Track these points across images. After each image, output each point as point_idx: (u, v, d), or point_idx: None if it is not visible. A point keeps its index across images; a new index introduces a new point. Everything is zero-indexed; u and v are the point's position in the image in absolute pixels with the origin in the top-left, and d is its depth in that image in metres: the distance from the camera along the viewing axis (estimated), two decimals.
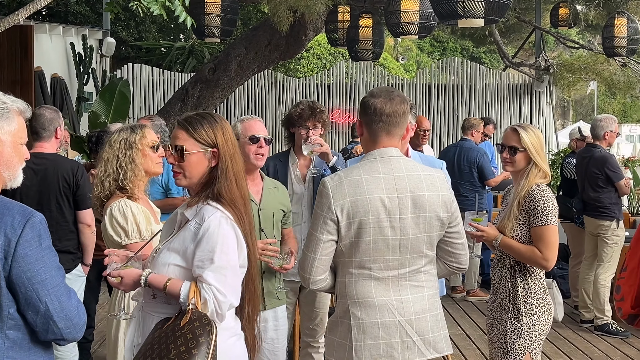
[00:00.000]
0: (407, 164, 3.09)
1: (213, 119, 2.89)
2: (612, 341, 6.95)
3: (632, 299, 3.16)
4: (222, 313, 2.72)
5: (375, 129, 3.08)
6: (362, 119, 3.15)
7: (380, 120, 3.07)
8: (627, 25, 9.92)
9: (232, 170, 2.85)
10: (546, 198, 3.80)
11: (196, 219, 2.79)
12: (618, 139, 34.26)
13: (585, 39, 32.14)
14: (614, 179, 7.26)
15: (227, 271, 2.73)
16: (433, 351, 3.09)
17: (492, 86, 14.25)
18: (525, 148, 3.90)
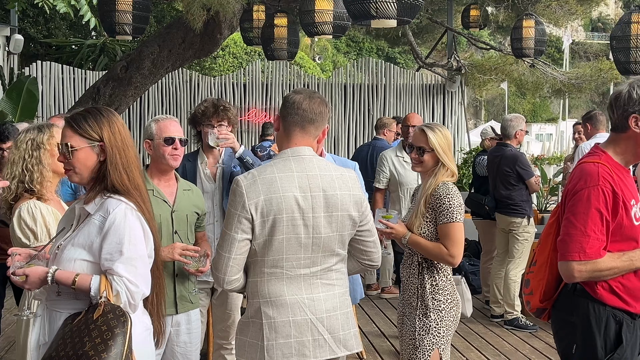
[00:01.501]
0: (319, 164, 3.10)
1: (99, 113, 2.90)
2: (521, 335, 7.14)
3: (541, 293, 3.24)
4: (135, 303, 2.78)
5: (290, 122, 3.10)
6: (280, 113, 3.17)
7: (296, 113, 3.08)
8: (534, 27, 10.20)
9: (121, 163, 2.87)
10: (452, 196, 3.87)
11: (100, 212, 2.80)
12: (528, 137, 35.40)
13: (496, 40, 33.01)
14: (524, 176, 7.46)
15: (136, 262, 2.77)
16: (344, 349, 3.12)
17: (407, 86, 14.47)
18: (433, 148, 3.97)
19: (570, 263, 3.01)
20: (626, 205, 3.04)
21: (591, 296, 3.08)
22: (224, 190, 4.64)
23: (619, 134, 3.16)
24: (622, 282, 3.07)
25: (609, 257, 3.02)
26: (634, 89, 3.08)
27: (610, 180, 3.02)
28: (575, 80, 13.08)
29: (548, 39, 11.12)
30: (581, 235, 3.00)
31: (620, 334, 3.06)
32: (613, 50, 8.47)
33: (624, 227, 3.05)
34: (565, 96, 15.69)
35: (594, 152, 3.18)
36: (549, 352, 6.56)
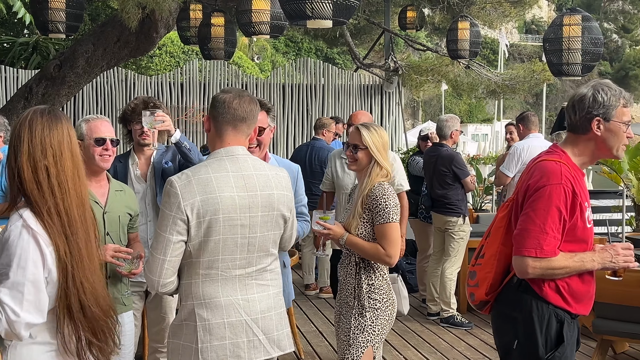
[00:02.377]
0: (254, 163, 3.10)
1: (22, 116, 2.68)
2: (457, 332, 7.24)
3: (488, 285, 3.27)
4: (17, 333, 2.46)
5: (222, 122, 3.08)
6: (210, 113, 3.14)
7: (227, 112, 3.06)
8: (469, 29, 10.35)
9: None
10: (388, 196, 3.90)
11: (6, 225, 2.56)
12: (464, 137, 35.92)
13: (433, 41, 33.44)
14: (460, 176, 7.56)
15: (24, 287, 2.44)
16: (277, 349, 3.13)
17: (345, 86, 14.53)
18: (367, 146, 4.00)
19: (525, 258, 3.05)
20: (582, 207, 3.09)
21: (536, 293, 3.12)
22: (157, 188, 4.57)
23: (578, 136, 3.21)
24: (568, 283, 3.13)
25: (562, 256, 3.07)
26: (598, 93, 3.15)
27: (571, 179, 3.08)
28: (509, 81, 13.32)
29: (483, 41, 11.29)
30: (539, 231, 3.03)
31: (561, 332, 3.11)
32: (546, 52, 8.64)
33: (578, 228, 3.10)
34: (500, 97, 15.98)
35: (554, 151, 3.22)
36: (483, 348, 6.67)
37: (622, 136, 3.16)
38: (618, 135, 3.16)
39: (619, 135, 3.15)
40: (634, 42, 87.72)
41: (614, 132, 3.15)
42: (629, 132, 3.17)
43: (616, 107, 3.14)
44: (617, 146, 3.17)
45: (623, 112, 3.15)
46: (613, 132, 3.15)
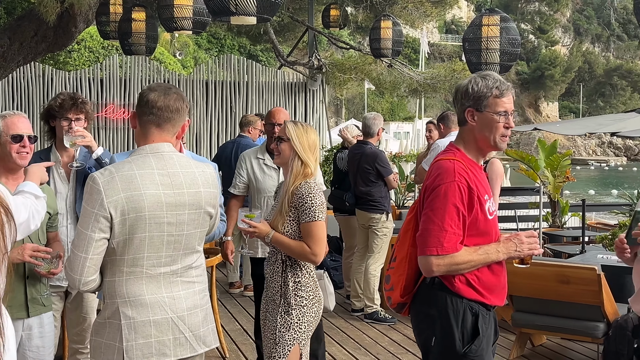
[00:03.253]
0: (180, 160, 3.07)
1: None
2: (380, 328, 7.32)
3: (401, 287, 3.30)
4: None
5: (147, 121, 3.04)
6: (136, 110, 3.10)
7: (151, 112, 3.03)
8: (392, 28, 10.47)
9: None
10: (314, 195, 3.91)
11: None
12: (386, 135, 36.29)
13: (356, 40, 33.69)
14: (384, 174, 7.65)
15: None
16: (203, 345, 3.12)
17: (269, 84, 14.49)
18: (289, 138, 3.99)
19: (428, 257, 3.09)
20: (480, 200, 3.15)
21: (449, 289, 3.16)
22: (77, 192, 4.44)
23: (462, 128, 3.29)
24: (478, 276, 3.18)
25: (465, 251, 3.11)
26: (471, 83, 3.20)
27: (465, 176, 3.12)
28: (431, 80, 13.54)
29: (405, 40, 11.44)
30: (439, 230, 3.07)
31: (477, 325, 3.17)
32: (465, 51, 8.81)
33: (479, 221, 3.15)
34: (421, 96, 16.21)
35: (449, 150, 3.28)
36: (406, 343, 6.76)
37: (497, 126, 3.19)
38: (492, 126, 3.19)
39: (492, 125, 3.19)
40: (550, 43, 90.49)
41: (487, 122, 3.19)
42: (507, 122, 3.20)
43: (487, 97, 3.18)
44: (494, 136, 3.20)
45: (496, 103, 3.18)
46: (486, 122, 3.19)
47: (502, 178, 7.34)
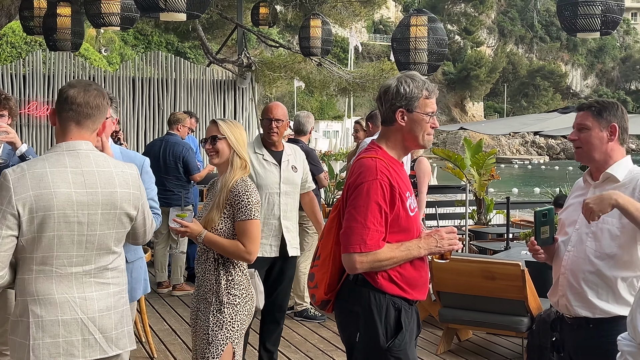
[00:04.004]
0: (97, 159, 3.04)
1: None
2: (310, 326, 7.35)
3: (325, 285, 3.33)
4: None
5: (66, 118, 3.02)
6: (56, 107, 3.07)
7: (70, 109, 3.00)
8: (321, 27, 10.52)
9: None
10: (250, 193, 3.90)
11: None
12: (316, 134, 36.32)
13: (285, 38, 33.69)
14: (314, 172, 7.64)
15: None
16: (115, 348, 3.08)
17: (197, 81, 14.36)
18: (225, 136, 3.99)
19: (352, 255, 3.12)
20: (402, 197, 3.19)
21: (372, 285, 3.20)
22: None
23: (388, 127, 3.33)
24: (400, 272, 3.22)
25: (388, 247, 3.15)
26: (401, 84, 3.25)
27: (387, 173, 3.16)
28: (359, 79, 13.65)
29: (334, 39, 11.51)
30: (361, 227, 3.11)
31: (399, 320, 3.21)
32: (394, 51, 8.92)
33: (401, 218, 3.20)
34: (350, 95, 16.34)
35: (371, 148, 3.32)
36: (336, 340, 6.80)
37: (425, 126, 3.28)
38: (421, 126, 3.28)
39: (422, 125, 3.28)
40: (475, 44, 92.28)
41: (417, 123, 3.27)
42: (433, 122, 3.30)
43: (419, 99, 3.25)
44: (422, 135, 3.29)
45: (426, 103, 3.27)
46: (416, 122, 3.26)
47: (429, 176, 7.47)
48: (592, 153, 3.38)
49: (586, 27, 6.42)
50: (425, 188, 7.61)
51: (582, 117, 3.41)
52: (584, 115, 3.40)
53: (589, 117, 3.38)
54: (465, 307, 6.34)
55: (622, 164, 3.38)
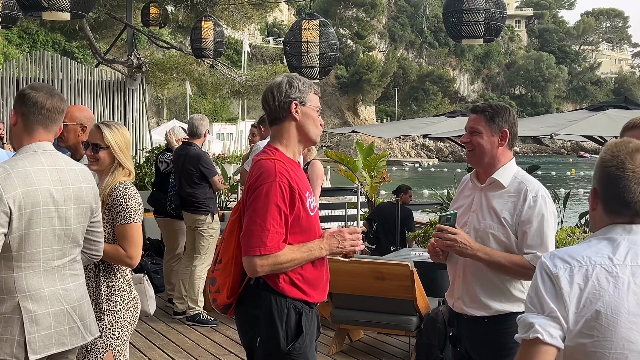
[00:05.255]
0: (64, 158, 3.25)
1: None
2: (202, 330, 7.28)
3: (228, 289, 3.30)
4: None
5: (33, 121, 3.17)
6: (20, 110, 3.20)
7: (39, 113, 3.16)
8: (213, 29, 10.46)
9: None
10: (129, 196, 3.79)
11: None
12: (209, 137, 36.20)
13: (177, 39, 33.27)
14: (208, 175, 7.61)
15: None
16: (89, 334, 3.31)
17: (85, 82, 13.96)
18: (109, 145, 3.87)
19: (252, 258, 3.11)
20: (302, 197, 3.21)
21: (273, 289, 3.20)
22: None
23: (280, 125, 3.33)
24: (302, 274, 3.23)
25: (289, 249, 3.16)
26: (293, 79, 3.31)
27: (286, 175, 3.17)
28: (253, 82, 13.63)
29: (227, 41, 11.46)
30: (261, 230, 3.10)
31: (300, 323, 3.23)
32: (286, 54, 8.96)
33: (301, 218, 3.21)
34: (244, 97, 16.30)
35: (268, 150, 3.32)
36: (228, 344, 6.77)
37: (317, 120, 3.37)
38: (313, 119, 3.35)
39: (314, 118, 3.35)
40: (367, 48, 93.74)
41: (309, 116, 3.33)
42: (320, 119, 3.39)
43: (309, 92, 3.33)
44: (314, 131, 3.37)
45: (315, 99, 3.37)
46: (308, 115, 3.33)
47: (322, 179, 7.54)
48: (483, 157, 3.48)
49: (471, 33, 6.66)
50: (318, 191, 7.67)
51: (475, 120, 3.49)
52: (477, 119, 3.48)
53: (482, 122, 3.46)
54: (357, 308, 6.43)
55: (507, 168, 3.50)
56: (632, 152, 2.12)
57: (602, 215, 2.16)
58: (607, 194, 2.13)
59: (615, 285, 2.02)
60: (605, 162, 2.14)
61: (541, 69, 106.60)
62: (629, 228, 2.11)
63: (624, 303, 2.01)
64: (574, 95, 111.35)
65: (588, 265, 2.06)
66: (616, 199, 2.11)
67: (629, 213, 2.11)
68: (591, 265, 2.05)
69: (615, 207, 2.12)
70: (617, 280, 2.03)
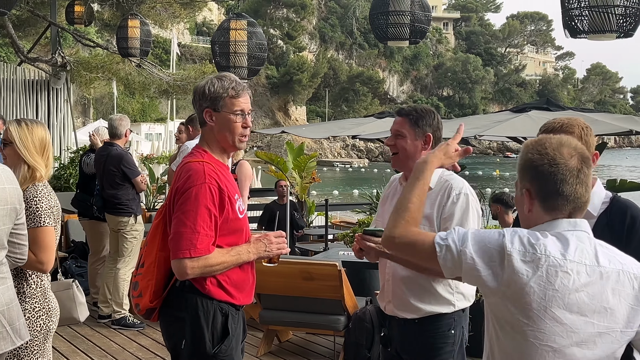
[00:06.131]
0: None
1: None
2: (128, 334, 7.16)
3: (151, 293, 3.24)
4: None
5: None
6: None
7: None
8: (140, 28, 10.32)
9: None
10: (39, 199, 3.58)
11: None
12: (137, 137, 35.62)
13: (104, 38, 32.68)
14: (130, 175, 7.49)
15: None
16: (19, 339, 3.23)
17: (7, 81, 13.59)
18: (12, 141, 3.66)
19: (182, 260, 3.07)
20: (231, 200, 3.19)
21: (199, 291, 3.17)
22: None
23: (204, 129, 3.33)
24: (228, 276, 3.22)
25: (218, 252, 3.14)
26: (207, 85, 3.26)
27: (215, 177, 3.15)
28: (181, 82, 13.50)
29: (155, 40, 11.31)
30: (191, 232, 3.07)
31: (226, 325, 3.21)
32: (214, 54, 8.91)
33: (231, 220, 3.20)
34: (172, 97, 16.13)
35: (197, 152, 3.29)
36: (155, 348, 6.68)
37: (235, 126, 3.28)
38: (229, 125, 3.28)
39: (230, 125, 3.28)
40: (298, 49, 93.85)
41: (225, 122, 3.27)
42: (246, 122, 3.31)
43: (224, 98, 3.26)
44: (233, 137, 3.29)
45: (232, 103, 3.27)
46: (224, 122, 3.27)
47: (250, 179, 7.52)
48: (407, 160, 3.48)
49: (397, 35, 6.74)
50: (246, 192, 7.64)
51: (400, 124, 3.49)
52: (402, 122, 3.48)
53: (406, 125, 3.46)
54: (285, 309, 6.42)
55: None
56: (557, 147, 2.18)
57: (541, 214, 2.20)
58: (545, 192, 2.17)
59: (562, 280, 2.08)
60: (535, 162, 2.18)
61: (468, 71, 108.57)
62: (574, 222, 2.17)
63: (565, 299, 2.07)
64: (500, 96, 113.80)
65: (542, 254, 2.10)
66: (555, 194, 2.16)
67: (569, 207, 2.17)
68: (545, 256, 2.10)
69: (555, 203, 2.17)
70: (564, 276, 2.09)
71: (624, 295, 2.12)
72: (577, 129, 2.93)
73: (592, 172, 2.23)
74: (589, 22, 5.47)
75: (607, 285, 2.11)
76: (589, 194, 2.19)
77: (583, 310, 2.08)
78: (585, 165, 2.18)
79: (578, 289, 2.08)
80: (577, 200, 2.16)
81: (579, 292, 2.08)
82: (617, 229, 2.88)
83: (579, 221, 2.18)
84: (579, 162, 2.17)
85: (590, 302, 2.09)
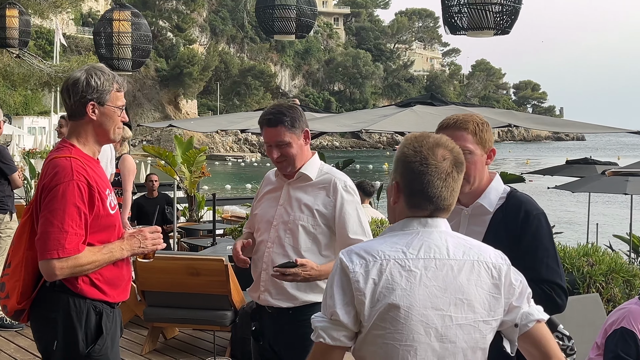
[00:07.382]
0: None
1: None
2: (6, 335, 6.88)
3: (18, 294, 3.12)
4: None
5: None
6: None
7: None
8: (19, 17, 9.96)
9: None
10: None
11: None
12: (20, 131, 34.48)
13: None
14: (6, 171, 7.18)
15: None
16: None
17: None
18: None
19: (50, 261, 2.96)
20: (102, 195, 3.09)
21: (71, 291, 3.07)
22: None
23: (77, 122, 3.20)
24: (102, 274, 3.12)
25: (89, 251, 3.04)
26: (92, 77, 3.14)
27: (84, 173, 3.04)
28: (63, 73, 13.09)
29: (38, 31, 10.93)
30: (59, 232, 2.96)
31: (100, 324, 3.13)
32: (97, 45, 8.68)
33: (102, 217, 3.10)
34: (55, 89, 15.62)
35: (64, 147, 3.16)
36: (34, 348, 6.36)
37: (117, 120, 3.25)
38: (113, 119, 3.23)
39: (114, 119, 3.23)
40: (188, 41, 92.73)
41: (109, 116, 3.21)
42: (124, 116, 3.28)
43: (110, 92, 3.20)
44: (113, 129, 3.25)
45: (117, 97, 3.23)
46: (108, 116, 3.21)
47: (134, 174, 7.36)
48: (295, 162, 3.50)
49: (283, 29, 6.75)
50: (130, 186, 7.48)
51: (278, 133, 3.46)
52: (280, 132, 3.45)
53: (286, 132, 3.45)
54: (171, 305, 6.31)
55: (311, 163, 3.56)
56: (433, 147, 2.17)
57: (404, 209, 2.20)
58: (411, 189, 2.17)
59: (408, 279, 2.08)
60: (408, 157, 2.18)
61: (358, 66, 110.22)
62: (425, 221, 2.17)
63: (416, 296, 2.07)
64: (389, 91, 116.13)
65: (382, 259, 2.10)
66: (420, 194, 2.15)
67: (430, 207, 2.16)
68: (385, 260, 2.10)
69: (418, 202, 2.17)
70: (409, 274, 2.08)
71: (481, 285, 2.14)
72: (471, 125, 2.94)
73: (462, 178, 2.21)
74: (468, 19, 5.66)
75: (461, 276, 2.12)
76: (454, 197, 2.19)
77: (437, 305, 2.09)
78: (456, 170, 2.18)
79: (427, 285, 2.09)
80: (440, 203, 2.15)
81: (428, 288, 2.08)
82: (511, 225, 2.90)
83: (431, 220, 2.17)
84: (450, 166, 2.16)
85: (442, 296, 2.09)
